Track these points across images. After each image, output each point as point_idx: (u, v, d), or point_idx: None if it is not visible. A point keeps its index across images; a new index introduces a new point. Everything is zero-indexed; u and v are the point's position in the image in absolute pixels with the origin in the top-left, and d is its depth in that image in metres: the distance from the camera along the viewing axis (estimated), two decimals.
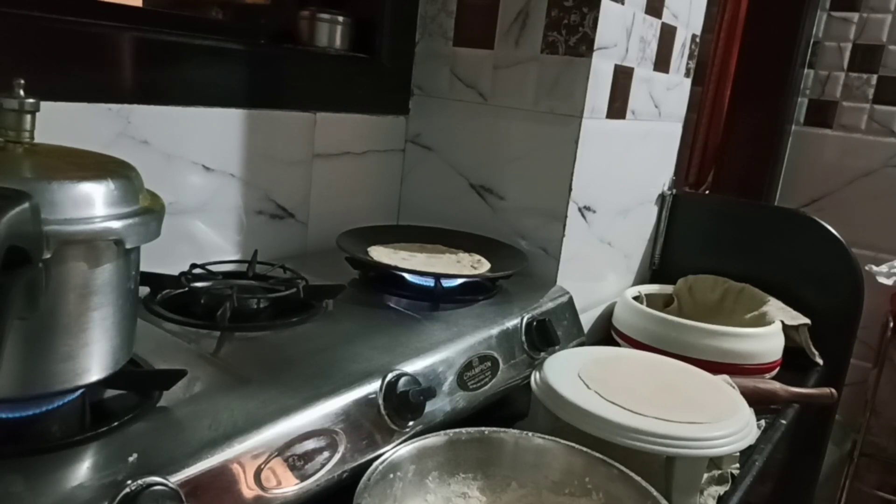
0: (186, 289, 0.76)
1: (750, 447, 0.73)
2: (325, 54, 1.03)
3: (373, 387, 0.64)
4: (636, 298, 1.15)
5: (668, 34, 1.15)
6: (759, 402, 0.90)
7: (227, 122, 0.88)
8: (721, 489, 0.74)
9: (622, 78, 1.05)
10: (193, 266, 0.81)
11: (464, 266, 0.93)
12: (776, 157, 1.95)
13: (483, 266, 0.93)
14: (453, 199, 1.11)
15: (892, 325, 1.72)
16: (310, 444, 0.58)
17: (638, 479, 0.62)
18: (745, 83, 1.81)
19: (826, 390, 0.99)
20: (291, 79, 0.96)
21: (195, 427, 0.53)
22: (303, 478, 0.57)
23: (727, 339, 1.02)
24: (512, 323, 0.85)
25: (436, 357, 0.73)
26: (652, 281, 1.30)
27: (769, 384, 0.98)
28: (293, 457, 0.56)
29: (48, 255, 0.44)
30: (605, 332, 1.17)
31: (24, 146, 0.50)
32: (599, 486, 0.63)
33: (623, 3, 1.00)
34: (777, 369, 1.06)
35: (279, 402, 0.58)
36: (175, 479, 0.48)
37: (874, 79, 1.86)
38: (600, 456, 0.64)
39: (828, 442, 1.38)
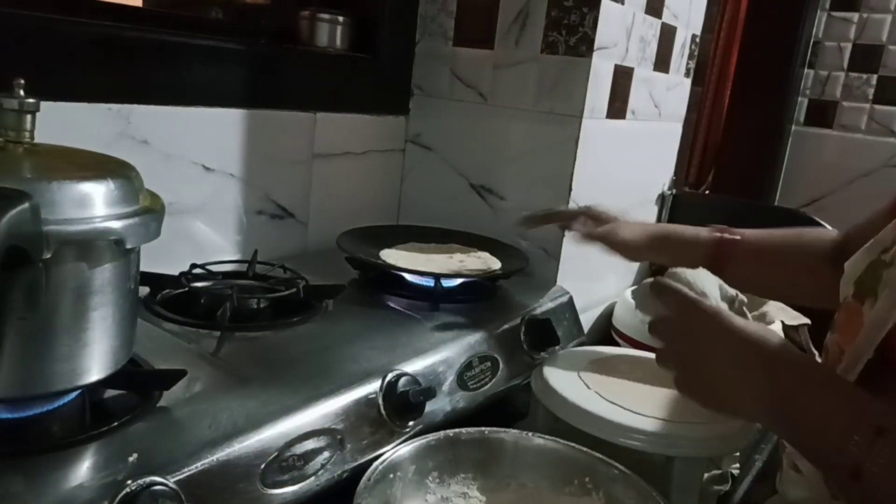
0: (186, 289, 0.76)
1: (750, 447, 0.73)
2: (325, 54, 1.03)
3: (373, 387, 0.64)
4: None
5: (668, 34, 1.15)
6: None
7: (227, 122, 0.88)
8: (721, 489, 0.74)
9: (622, 78, 1.05)
10: (193, 266, 0.81)
11: (481, 262, 0.93)
12: (776, 157, 1.95)
13: (495, 264, 0.94)
14: (453, 199, 1.11)
15: None
16: (310, 444, 0.58)
17: (638, 479, 0.62)
18: (745, 83, 1.81)
19: None
20: (291, 79, 0.96)
21: (195, 427, 0.53)
22: (303, 478, 0.57)
23: None
24: (512, 323, 0.85)
25: (436, 357, 0.73)
26: None
27: None
28: (293, 457, 0.56)
29: (48, 255, 0.44)
30: (605, 332, 1.17)
31: (24, 146, 0.50)
32: (599, 486, 0.63)
33: (623, 3, 1.00)
34: None
35: (279, 402, 0.58)
36: (175, 479, 0.48)
37: (874, 79, 1.86)
38: (600, 456, 0.64)
39: None
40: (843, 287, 0.57)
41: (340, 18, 1.04)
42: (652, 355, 0.92)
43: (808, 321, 1.11)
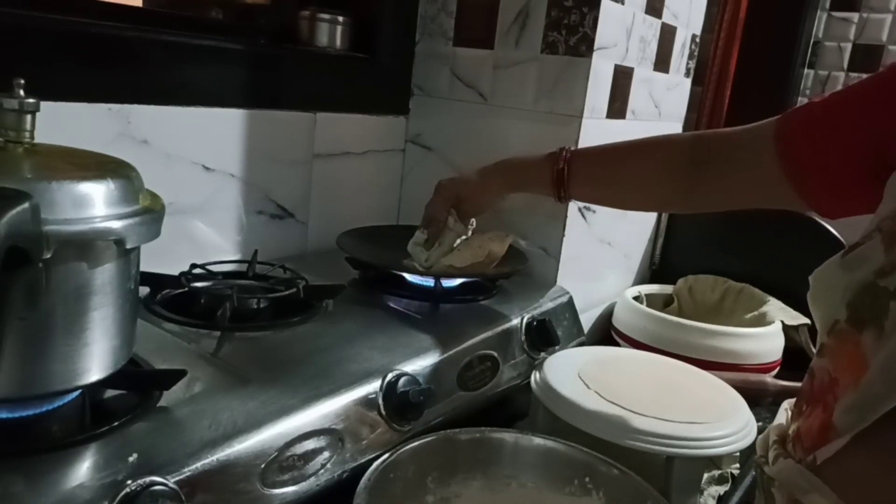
0: (186, 289, 0.76)
1: (750, 447, 0.73)
2: (325, 54, 1.03)
3: (373, 387, 0.64)
4: (636, 298, 1.15)
5: (668, 34, 1.15)
6: (749, 395, 0.90)
7: (227, 122, 0.88)
8: (721, 489, 0.74)
9: (622, 78, 1.05)
10: (193, 266, 0.81)
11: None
12: None
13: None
14: None
15: None
16: (310, 444, 0.58)
17: (638, 479, 0.62)
18: (745, 83, 1.81)
19: None
20: (291, 79, 0.96)
21: (195, 427, 0.53)
22: (303, 478, 0.57)
23: (727, 339, 1.02)
24: (512, 323, 0.85)
25: (436, 357, 0.73)
26: (652, 281, 1.30)
27: (758, 377, 0.98)
28: (293, 457, 0.56)
29: (48, 255, 0.44)
30: (605, 332, 1.17)
31: (24, 146, 0.50)
32: (599, 486, 0.63)
33: (623, 3, 1.00)
34: (777, 369, 1.06)
35: (279, 402, 0.58)
36: (175, 479, 0.48)
37: None
38: (600, 456, 0.64)
39: None
40: (823, 306, 0.53)
41: (340, 18, 1.04)
42: (652, 355, 0.93)
43: (808, 321, 1.11)
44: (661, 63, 1.15)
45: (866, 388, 0.46)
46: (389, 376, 0.66)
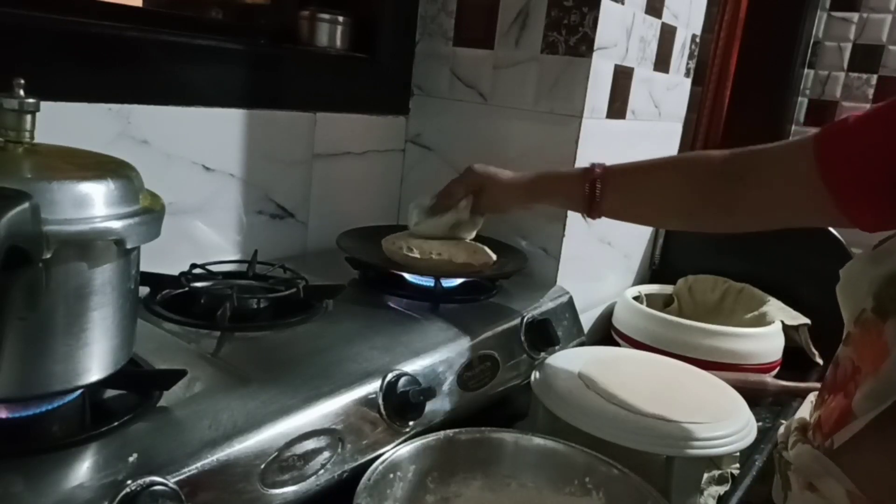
0: (186, 289, 0.76)
1: (750, 447, 0.73)
2: (325, 54, 1.03)
3: (373, 387, 0.64)
4: (636, 298, 1.15)
5: (668, 34, 1.15)
6: (749, 396, 0.90)
7: (227, 122, 0.88)
8: (721, 489, 0.74)
9: (622, 78, 1.05)
10: (193, 266, 0.81)
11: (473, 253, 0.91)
12: None
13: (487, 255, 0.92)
14: None
15: None
16: (310, 444, 0.58)
17: (638, 479, 0.62)
18: (745, 83, 1.82)
19: (816, 384, 0.99)
20: (291, 79, 0.96)
21: (195, 427, 0.53)
22: (303, 478, 0.57)
23: (727, 339, 1.02)
24: (512, 323, 0.85)
25: (436, 357, 0.73)
26: (652, 281, 1.30)
27: (758, 377, 0.98)
28: (293, 457, 0.56)
29: (48, 255, 0.44)
30: (605, 332, 1.17)
31: (24, 146, 0.50)
32: (599, 486, 0.63)
33: (623, 3, 1.00)
34: (777, 369, 1.06)
35: (279, 402, 0.58)
36: (175, 479, 0.48)
37: (874, 79, 1.87)
38: (600, 456, 0.64)
39: None
40: (851, 297, 0.54)
41: (340, 18, 1.04)
42: (652, 355, 0.93)
43: (808, 321, 1.11)
44: (661, 63, 1.15)
45: (885, 374, 0.48)
46: (389, 376, 0.66)
